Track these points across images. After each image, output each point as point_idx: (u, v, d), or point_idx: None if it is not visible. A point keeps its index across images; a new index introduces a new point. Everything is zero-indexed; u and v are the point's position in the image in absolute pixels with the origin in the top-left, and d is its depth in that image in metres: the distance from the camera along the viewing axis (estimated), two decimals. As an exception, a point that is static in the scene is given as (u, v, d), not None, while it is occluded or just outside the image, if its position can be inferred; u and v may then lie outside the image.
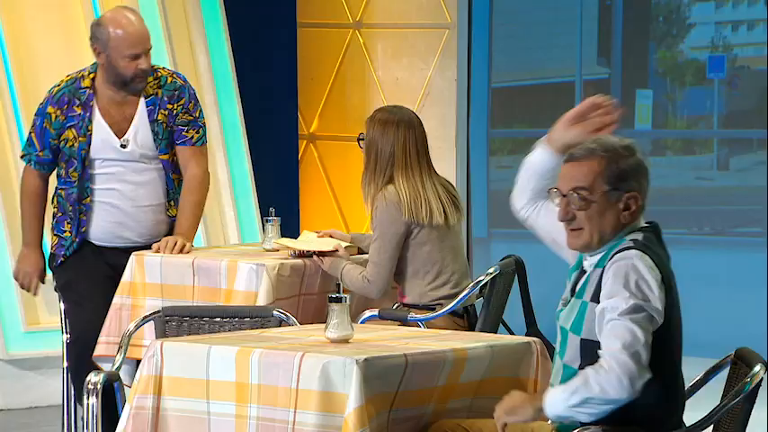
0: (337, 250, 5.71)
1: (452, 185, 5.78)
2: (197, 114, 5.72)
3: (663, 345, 3.75)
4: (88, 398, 4.30)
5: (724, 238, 8.45)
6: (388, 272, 5.61)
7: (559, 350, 3.87)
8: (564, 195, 3.84)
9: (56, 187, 5.73)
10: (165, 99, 5.65)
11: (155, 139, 5.64)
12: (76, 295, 5.65)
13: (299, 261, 5.68)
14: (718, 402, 3.88)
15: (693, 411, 3.96)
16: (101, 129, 5.60)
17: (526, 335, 5.13)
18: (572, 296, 3.86)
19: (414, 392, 3.93)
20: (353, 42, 8.58)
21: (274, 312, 4.67)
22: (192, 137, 5.70)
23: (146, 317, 4.71)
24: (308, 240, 5.85)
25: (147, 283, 5.72)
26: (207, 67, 7.94)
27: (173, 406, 4.03)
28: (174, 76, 5.74)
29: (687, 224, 8.54)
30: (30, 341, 7.29)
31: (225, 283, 5.61)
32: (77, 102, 5.58)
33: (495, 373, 4.10)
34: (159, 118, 5.64)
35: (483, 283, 5.48)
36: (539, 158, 4.04)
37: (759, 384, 3.86)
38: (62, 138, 5.59)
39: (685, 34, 8.58)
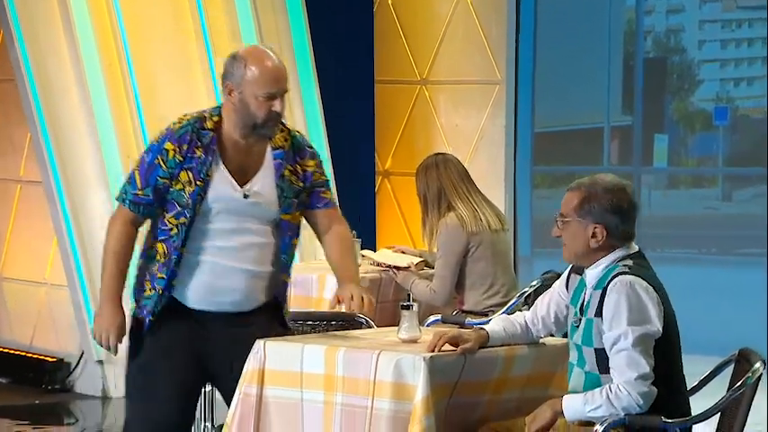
0: (409, 267, 5.72)
1: (494, 205, 5.78)
2: (327, 177, 4.28)
3: (664, 347, 3.75)
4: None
5: (728, 258, 8.35)
6: (450, 284, 5.59)
7: (577, 362, 3.85)
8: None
9: (149, 241, 4.14)
10: (294, 155, 4.17)
11: (279, 196, 4.13)
12: (145, 391, 4.11)
13: (377, 275, 5.69)
14: (725, 393, 3.83)
15: (704, 400, 3.90)
16: (221, 175, 4.09)
17: (563, 336, 5.09)
18: (581, 315, 3.84)
19: (471, 383, 3.90)
20: (421, 96, 8.57)
21: (356, 317, 4.65)
22: (330, 198, 4.25)
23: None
24: (386, 255, 5.86)
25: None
26: (301, 116, 7.96)
27: (272, 394, 4.01)
28: (301, 133, 4.26)
29: (697, 246, 8.45)
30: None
31: (316, 292, 5.61)
32: (199, 143, 4.08)
33: (539, 369, 4.06)
34: (286, 174, 4.14)
35: (527, 293, 5.45)
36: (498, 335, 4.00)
37: (759, 379, 3.81)
38: (175, 180, 4.07)
39: (695, 89, 8.51)
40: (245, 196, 4.09)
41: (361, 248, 5.94)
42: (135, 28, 7.40)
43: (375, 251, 6.20)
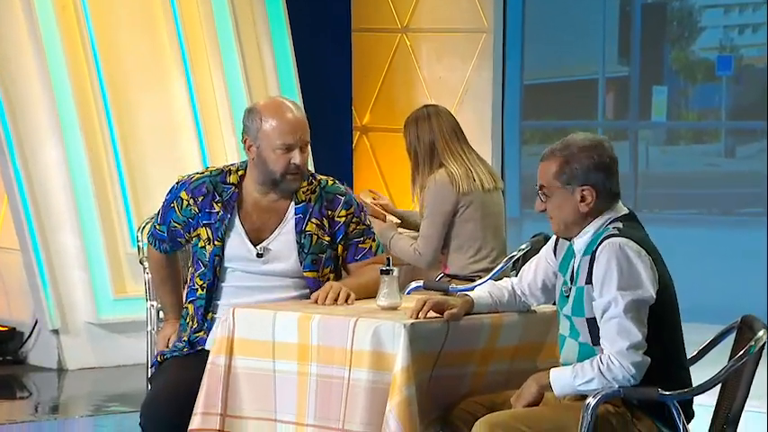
0: (385, 219, 5.77)
1: (488, 163, 5.80)
2: (369, 222, 4.34)
3: (660, 314, 3.76)
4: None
5: (730, 218, 8.39)
6: (436, 244, 5.60)
7: (570, 333, 3.86)
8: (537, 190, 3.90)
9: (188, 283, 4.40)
10: (323, 204, 4.26)
11: (299, 252, 4.23)
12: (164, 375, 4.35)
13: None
14: (727, 363, 3.85)
15: (704, 370, 3.93)
16: (236, 234, 4.24)
17: (553, 304, 5.11)
18: (571, 284, 3.85)
19: (455, 353, 3.91)
20: (401, 45, 8.55)
21: (332, 282, 4.65)
22: (371, 246, 4.31)
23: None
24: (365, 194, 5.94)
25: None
26: (272, 66, 7.94)
27: (243, 364, 4.02)
28: (336, 181, 4.35)
29: (697, 205, 8.48)
30: (118, 307, 7.33)
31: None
32: (218, 198, 4.25)
33: (528, 338, 4.07)
34: (308, 228, 4.24)
35: (516, 258, 5.45)
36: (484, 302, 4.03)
37: (762, 347, 3.82)
38: (194, 233, 4.29)
39: (697, 37, 8.52)
40: (259, 255, 4.23)
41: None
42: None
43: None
